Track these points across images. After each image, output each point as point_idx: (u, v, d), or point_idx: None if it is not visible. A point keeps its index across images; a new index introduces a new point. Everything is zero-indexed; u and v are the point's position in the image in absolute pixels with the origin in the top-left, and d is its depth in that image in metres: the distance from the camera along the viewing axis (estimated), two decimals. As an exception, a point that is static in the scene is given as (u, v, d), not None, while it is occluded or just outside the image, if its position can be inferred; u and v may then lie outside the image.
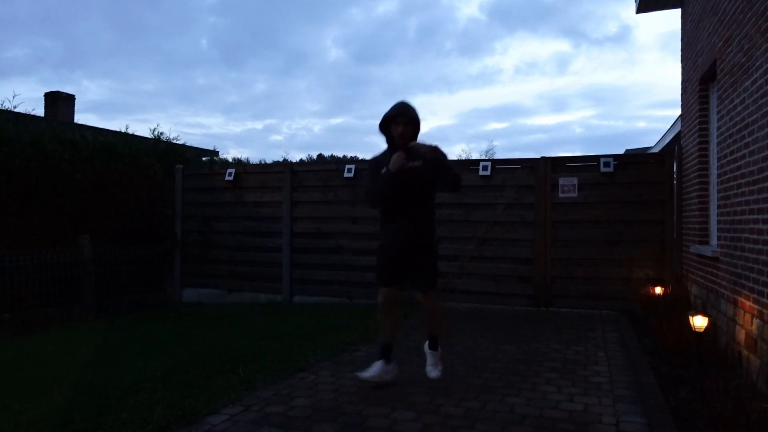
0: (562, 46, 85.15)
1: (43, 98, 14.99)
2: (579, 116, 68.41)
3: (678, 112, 7.19)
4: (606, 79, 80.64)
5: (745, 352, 3.92)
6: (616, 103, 73.85)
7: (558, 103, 71.02)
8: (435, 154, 3.48)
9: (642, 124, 62.49)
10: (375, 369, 3.70)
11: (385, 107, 3.55)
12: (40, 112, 13.91)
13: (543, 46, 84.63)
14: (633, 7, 7.34)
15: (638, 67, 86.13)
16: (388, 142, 3.70)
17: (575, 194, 6.88)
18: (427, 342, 3.97)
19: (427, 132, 71.57)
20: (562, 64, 78.63)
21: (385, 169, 3.56)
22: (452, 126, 71.42)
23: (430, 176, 3.60)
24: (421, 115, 3.66)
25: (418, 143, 3.60)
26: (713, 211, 5.39)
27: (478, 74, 79.97)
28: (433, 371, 3.81)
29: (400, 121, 3.55)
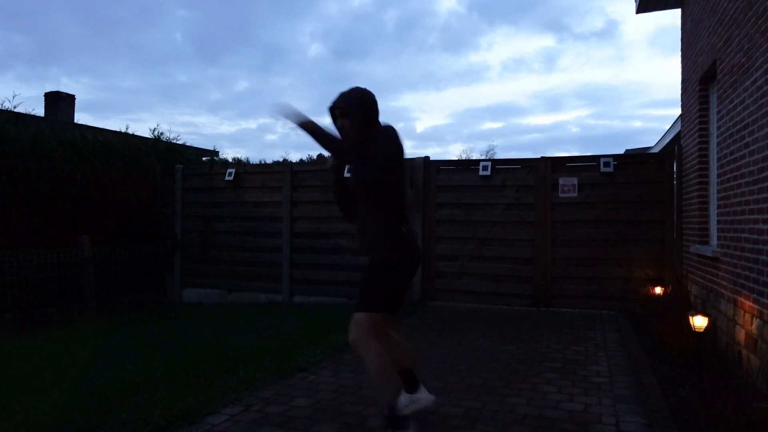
0: (547, 41, 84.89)
1: (42, 98, 15.01)
2: (575, 116, 68.45)
3: (674, 111, 7.24)
4: (599, 77, 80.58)
5: (745, 352, 3.92)
6: (611, 103, 73.89)
7: (553, 103, 71.05)
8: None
9: (638, 124, 62.55)
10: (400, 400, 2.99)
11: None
12: (39, 112, 13.92)
13: (528, 42, 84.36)
14: (619, 1, 7.37)
15: (629, 64, 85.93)
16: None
17: (575, 194, 6.88)
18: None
19: (423, 132, 71.31)
20: (549, 60, 78.44)
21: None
22: (448, 125, 71.42)
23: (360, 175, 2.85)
24: (367, 100, 2.86)
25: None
26: (713, 211, 5.39)
27: (465, 71, 79.79)
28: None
29: (336, 114, 2.89)
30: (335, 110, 2.87)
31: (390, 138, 2.84)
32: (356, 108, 2.82)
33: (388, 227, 2.85)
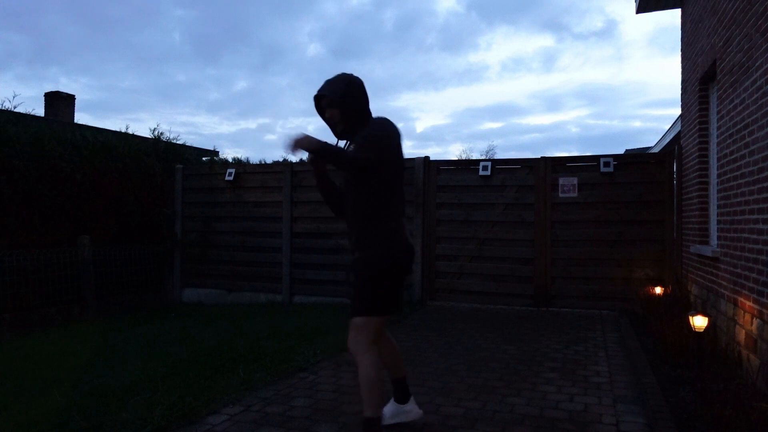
0: (546, 41, 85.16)
1: (42, 98, 15.02)
2: (574, 116, 68.56)
3: (674, 111, 7.24)
4: (599, 77, 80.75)
5: (745, 352, 3.92)
6: (610, 103, 74.02)
7: (552, 103, 71.19)
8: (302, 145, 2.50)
9: (637, 124, 62.64)
10: (386, 409, 3.01)
11: (373, 105, 2.87)
12: (40, 112, 13.94)
13: (527, 42, 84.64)
14: (618, 0, 7.38)
15: (628, 64, 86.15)
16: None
17: (575, 194, 6.88)
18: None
19: (422, 132, 71.34)
20: (548, 60, 78.67)
21: None
22: (447, 125, 71.52)
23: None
24: (351, 91, 2.70)
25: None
26: (713, 211, 5.39)
27: (465, 71, 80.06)
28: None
29: (324, 105, 2.76)
30: (322, 100, 2.74)
31: (385, 121, 2.72)
32: (343, 96, 2.66)
33: (376, 221, 2.66)
